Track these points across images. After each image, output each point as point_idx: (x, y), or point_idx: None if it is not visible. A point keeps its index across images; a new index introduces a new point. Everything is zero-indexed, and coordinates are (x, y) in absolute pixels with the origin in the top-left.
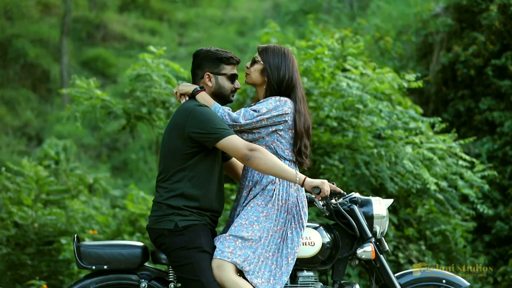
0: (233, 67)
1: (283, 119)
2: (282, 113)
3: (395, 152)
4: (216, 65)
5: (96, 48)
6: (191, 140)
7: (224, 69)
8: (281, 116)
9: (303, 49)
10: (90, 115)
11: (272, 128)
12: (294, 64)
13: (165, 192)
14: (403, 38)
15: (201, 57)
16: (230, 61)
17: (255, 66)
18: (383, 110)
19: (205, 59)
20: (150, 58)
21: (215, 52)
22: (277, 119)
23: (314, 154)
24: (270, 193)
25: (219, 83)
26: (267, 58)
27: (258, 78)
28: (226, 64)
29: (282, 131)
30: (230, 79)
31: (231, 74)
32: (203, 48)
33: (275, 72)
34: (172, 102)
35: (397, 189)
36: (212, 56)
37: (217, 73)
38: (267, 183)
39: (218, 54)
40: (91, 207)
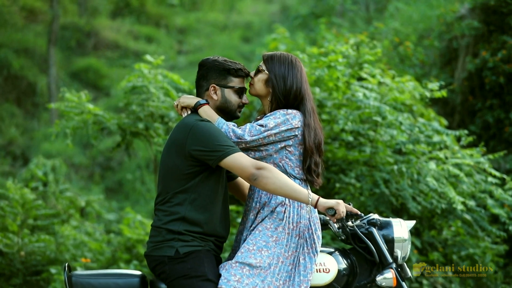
0: (241, 80)
1: (293, 133)
2: (292, 127)
3: (418, 169)
4: (223, 77)
5: (87, 58)
6: (192, 159)
7: (231, 81)
8: (290, 130)
9: (315, 57)
10: (81, 131)
11: (280, 144)
12: (303, 73)
13: (164, 216)
14: (425, 43)
15: (207, 67)
16: (238, 73)
17: (259, 75)
18: (404, 123)
19: (212, 69)
20: (147, 68)
21: (222, 62)
22: (286, 134)
23: (328, 172)
24: (280, 216)
25: (225, 96)
26: (272, 67)
27: (262, 89)
28: (234, 76)
29: (292, 147)
30: (237, 93)
31: (239, 88)
32: (210, 58)
33: (281, 82)
34: (171, 116)
35: (420, 210)
36: (220, 67)
37: (223, 85)
38: (276, 205)
39: (226, 65)
40: (83, 233)
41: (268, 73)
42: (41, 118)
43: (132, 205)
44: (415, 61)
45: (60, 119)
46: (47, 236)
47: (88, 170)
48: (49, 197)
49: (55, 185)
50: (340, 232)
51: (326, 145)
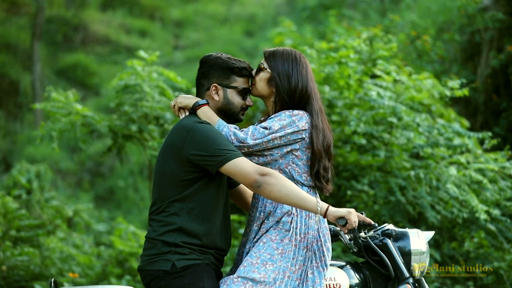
0: (246, 80)
1: (300, 136)
2: (298, 130)
3: (437, 175)
4: (226, 76)
5: (74, 54)
6: (190, 164)
7: (235, 81)
8: (297, 133)
9: (324, 52)
10: (68, 134)
11: (286, 148)
12: (308, 70)
13: (159, 226)
14: (444, 37)
15: (209, 64)
16: (243, 73)
17: (261, 74)
18: (422, 124)
19: (214, 67)
20: (140, 65)
21: (226, 60)
22: (292, 137)
23: (338, 178)
24: (286, 226)
25: (228, 97)
26: (274, 64)
27: (265, 88)
28: (238, 76)
29: (299, 151)
30: (241, 94)
31: (242, 88)
32: (212, 54)
33: (284, 81)
34: (167, 118)
35: (440, 219)
36: (223, 65)
37: (226, 85)
38: (282, 214)
39: (230, 63)
40: (70, 245)
41: (270, 71)
42: (25, 120)
43: (124, 215)
44: (434, 57)
45: (45, 121)
46: (31, 249)
47: (76, 177)
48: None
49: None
50: (352, 244)
51: (337, 148)
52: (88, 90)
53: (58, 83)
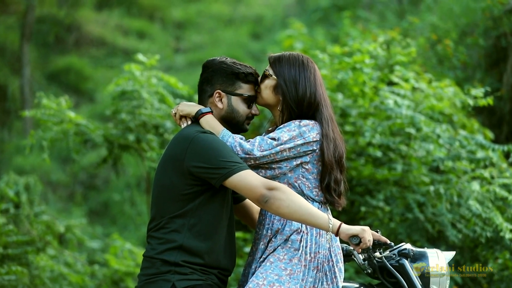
0: (251, 87)
1: (310, 148)
2: (309, 141)
3: (458, 190)
4: (230, 82)
5: (67, 57)
6: (192, 177)
7: (240, 88)
8: (307, 144)
9: (337, 57)
10: (60, 144)
11: (296, 161)
12: (317, 75)
13: (158, 244)
14: (467, 41)
15: (212, 69)
16: (249, 79)
17: (266, 81)
18: (442, 136)
19: (218, 72)
20: (139, 69)
21: (231, 65)
22: (302, 149)
23: (352, 193)
24: (295, 245)
25: (232, 105)
26: (280, 70)
27: (271, 97)
28: (243, 82)
29: (309, 164)
30: (246, 102)
31: (248, 96)
32: (216, 58)
33: (291, 88)
34: (167, 127)
35: (461, 238)
36: (227, 70)
37: (230, 92)
38: (290, 232)
39: (235, 68)
40: (62, 264)
41: (276, 78)
42: (13, 128)
43: (120, 231)
44: (456, 63)
45: (35, 129)
46: (19, 268)
47: (68, 190)
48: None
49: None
50: (366, 264)
51: (350, 161)
52: (81, 96)
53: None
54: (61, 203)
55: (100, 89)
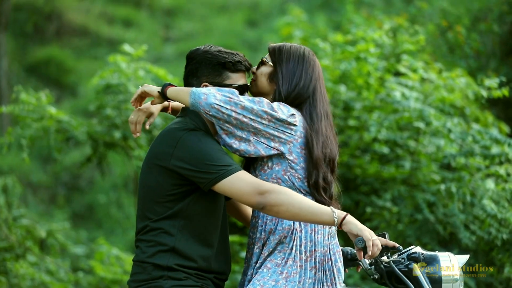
0: (241, 76)
1: (288, 130)
2: (285, 120)
3: (471, 189)
4: (217, 73)
5: (47, 47)
6: (179, 177)
7: (228, 78)
8: (283, 123)
9: (340, 46)
10: (41, 142)
11: (274, 142)
12: (315, 69)
13: (148, 247)
14: (480, 28)
15: (196, 60)
16: (237, 67)
17: (262, 68)
18: (454, 130)
19: (202, 63)
20: (125, 61)
21: (216, 54)
22: (274, 125)
23: (356, 193)
24: (289, 245)
25: None
26: (279, 59)
27: (265, 85)
28: (231, 72)
29: (293, 154)
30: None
31: (238, 86)
32: (200, 48)
33: (287, 78)
34: (156, 123)
35: (475, 241)
36: (212, 60)
37: (218, 83)
38: (283, 232)
39: (221, 58)
40: (43, 271)
41: (272, 66)
42: None
43: (106, 236)
44: (468, 51)
45: (13, 126)
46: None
47: (49, 191)
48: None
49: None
50: (373, 269)
51: (355, 158)
52: (63, 90)
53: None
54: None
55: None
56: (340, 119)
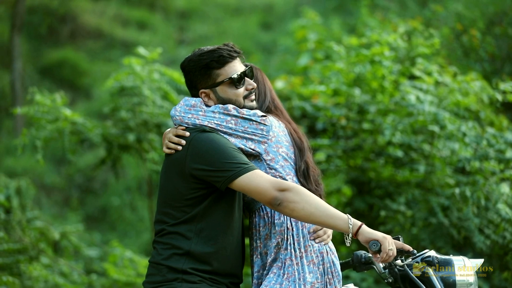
0: (231, 66)
1: (259, 131)
2: (260, 122)
3: (486, 193)
4: (206, 76)
5: (61, 49)
6: (195, 180)
7: (218, 76)
8: (255, 125)
9: (354, 49)
10: (55, 143)
11: (248, 142)
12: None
13: (165, 250)
14: (496, 31)
15: (186, 72)
16: (221, 61)
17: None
18: (468, 134)
19: (191, 73)
20: (139, 63)
21: (197, 59)
22: (249, 131)
23: (370, 196)
24: (284, 246)
25: (221, 96)
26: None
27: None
28: (218, 69)
29: (270, 154)
30: (233, 84)
31: (230, 79)
32: (187, 58)
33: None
34: (170, 125)
35: (489, 245)
36: (197, 67)
37: (212, 85)
38: (277, 234)
39: (202, 61)
40: (56, 273)
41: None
42: (3, 126)
43: (119, 238)
44: (483, 55)
45: (28, 128)
46: (10, 278)
47: (63, 193)
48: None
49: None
50: (387, 273)
51: (369, 162)
52: (77, 92)
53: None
54: (55, 208)
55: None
56: (355, 122)
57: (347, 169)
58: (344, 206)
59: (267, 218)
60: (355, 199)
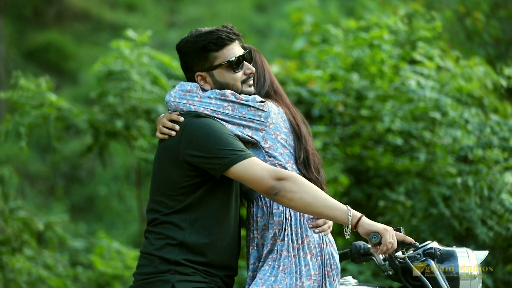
0: (229, 49)
1: (257, 118)
2: (258, 108)
3: (489, 182)
4: (203, 58)
5: (47, 32)
6: (189, 167)
7: (215, 58)
8: (253, 111)
9: (353, 32)
10: (40, 130)
11: (245, 130)
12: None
13: (157, 240)
14: (500, 14)
15: (182, 53)
16: (220, 43)
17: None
18: (471, 121)
19: (188, 55)
20: (128, 47)
21: (195, 40)
22: (246, 117)
23: (369, 186)
24: (281, 236)
25: (218, 80)
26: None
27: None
28: (215, 51)
29: (269, 141)
30: (231, 68)
31: (228, 61)
32: (183, 39)
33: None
34: (160, 111)
35: (492, 237)
36: (194, 48)
37: (208, 68)
38: (275, 224)
39: (200, 42)
40: (40, 266)
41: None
42: None
43: (106, 229)
44: (487, 38)
45: (11, 114)
46: None
47: (48, 182)
48: None
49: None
50: (387, 265)
51: (367, 150)
52: (63, 76)
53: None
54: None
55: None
56: (353, 108)
57: (344, 157)
58: (341, 196)
59: (266, 208)
60: (352, 188)
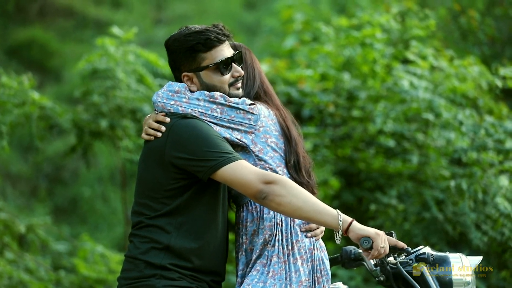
0: (218, 50)
1: (246, 121)
2: (248, 111)
3: (483, 186)
4: (191, 59)
5: (29, 28)
6: (175, 170)
7: (203, 59)
8: (243, 115)
9: (344, 30)
10: (22, 129)
11: (234, 133)
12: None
13: (142, 243)
14: (496, 13)
15: (170, 51)
16: (208, 44)
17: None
18: (465, 122)
19: (176, 53)
20: (113, 44)
21: (184, 39)
22: (235, 120)
23: (360, 189)
24: (272, 242)
25: (205, 81)
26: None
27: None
28: (204, 52)
29: (259, 144)
30: (219, 70)
31: (215, 64)
32: (172, 37)
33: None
34: (145, 111)
35: (487, 242)
36: (182, 47)
37: (196, 69)
38: (265, 229)
39: (189, 42)
40: (22, 269)
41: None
42: None
43: (90, 232)
44: (482, 37)
45: None
46: None
47: (30, 183)
48: None
49: None
50: (378, 271)
51: (358, 152)
52: (46, 74)
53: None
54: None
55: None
56: (344, 109)
57: (335, 159)
58: (332, 199)
59: (256, 213)
60: (343, 191)
